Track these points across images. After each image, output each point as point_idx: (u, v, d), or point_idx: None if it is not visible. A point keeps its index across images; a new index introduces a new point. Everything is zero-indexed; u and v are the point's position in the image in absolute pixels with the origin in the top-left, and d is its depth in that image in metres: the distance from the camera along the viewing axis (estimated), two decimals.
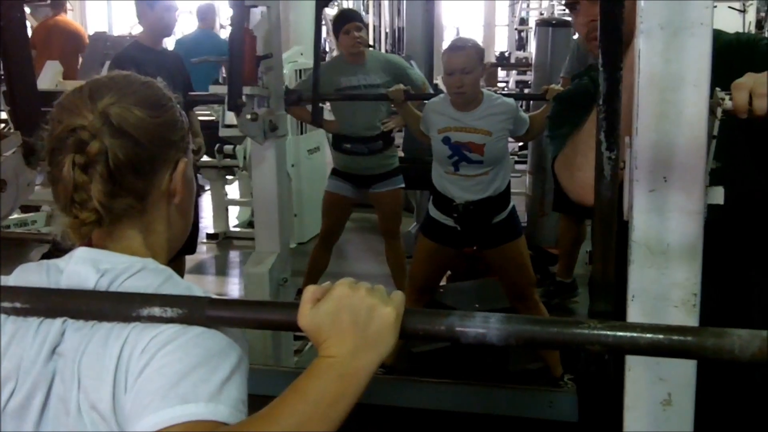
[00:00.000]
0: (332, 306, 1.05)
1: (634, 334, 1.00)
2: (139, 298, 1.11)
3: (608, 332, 1.01)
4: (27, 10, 8.27)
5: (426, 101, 4.27)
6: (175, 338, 1.08)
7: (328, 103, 5.14)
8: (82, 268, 1.18)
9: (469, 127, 3.88)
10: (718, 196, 1.19)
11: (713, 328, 0.99)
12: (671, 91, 1.16)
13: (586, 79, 1.96)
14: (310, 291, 1.07)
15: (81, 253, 1.21)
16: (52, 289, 1.18)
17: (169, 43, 6.38)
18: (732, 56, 1.66)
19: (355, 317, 1.05)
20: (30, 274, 1.23)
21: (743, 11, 9.13)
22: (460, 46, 3.93)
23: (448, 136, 3.91)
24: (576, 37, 6.30)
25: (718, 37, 1.78)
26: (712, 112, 1.18)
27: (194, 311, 1.09)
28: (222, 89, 3.95)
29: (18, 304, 1.14)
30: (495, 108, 3.92)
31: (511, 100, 4.01)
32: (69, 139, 1.16)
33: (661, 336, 0.99)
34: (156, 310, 1.09)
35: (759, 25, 9.09)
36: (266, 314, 1.15)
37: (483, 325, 1.04)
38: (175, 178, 1.25)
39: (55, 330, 1.14)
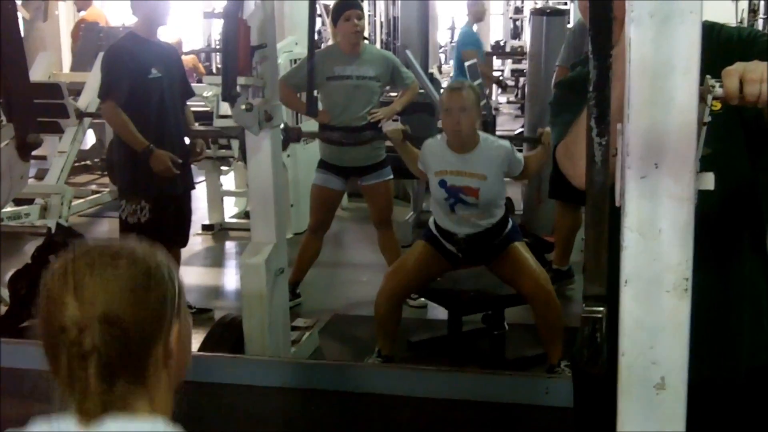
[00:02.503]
0: None
1: None
2: None
3: None
4: (18, 2, 8.26)
5: (424, 141, 4.33)
6: None
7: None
8: None
9: (464, 171, 4.01)
10: (708, 181, 1.20)
11: None
12: (661, 78, 1.17)
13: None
14: None
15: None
16: None
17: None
18: (732, 50, 1.67)
19: None
20: None
21: None
22: (458, 86, 4.16)
23: (444, 180, 4.05)
24: (570, 26, 6.31)
25: (720, 30, 1.79)
26: (702, 99, 1.19)
27: None
28: (216, 80, 3.96)
29: None
30: (491, 151, 4.07)
31: (506, 143, 4.17)
32: (59, 336, 1.16)
33: None
34: None
35: (752, 12, 9.06)
36: None
37: None
38: (170, 344, 1.25)
39: None
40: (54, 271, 1.21)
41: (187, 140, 4.98)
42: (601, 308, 1.10)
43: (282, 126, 4.32)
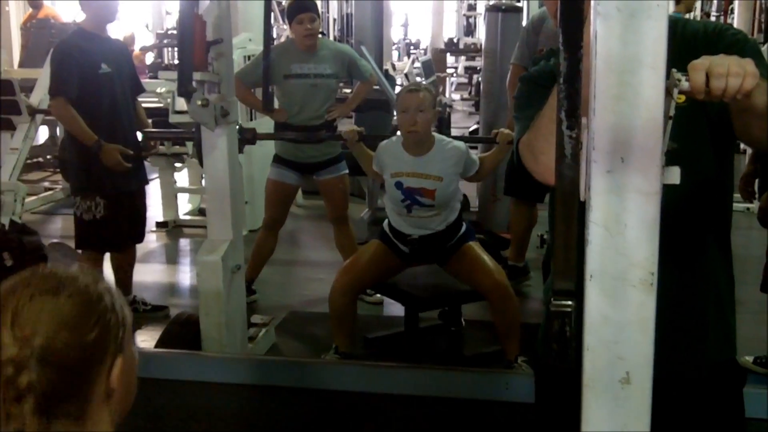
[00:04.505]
0: None
1: None
2: None
3: None
4: None
5: (380, 143, 4.33)
6: None
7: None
8: None
9: (421, 173, 4.04)
10: (674, 176, 1.20)
11: None
12: (628, 73, 1.16)
13: (554, 60, 1.93)
14: None
15: None
16: None
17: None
18: (698, 44, 1.67)
19: None
20: None
21: None
22: (415, 88, 4.18)
23: (400, 182, 4.07)
24: (525, 23, 6.33)
25: (685, 24, 1.79)
26: (668, 93, 1.19)
27: None
28: (172, 75, 3.91)
29: None
30: (446, 153, 4.09)
31: (461, 144, 4.16)
32: None
33: None
34: None
35: (706, 15, 9.20)
36: None
37: None
38: (111, 380, 1.21)
39: None
40: None
41: (139, 135, 4.94)
42: (570, 302, 1.09)
43: (237, 127, 4.29)
